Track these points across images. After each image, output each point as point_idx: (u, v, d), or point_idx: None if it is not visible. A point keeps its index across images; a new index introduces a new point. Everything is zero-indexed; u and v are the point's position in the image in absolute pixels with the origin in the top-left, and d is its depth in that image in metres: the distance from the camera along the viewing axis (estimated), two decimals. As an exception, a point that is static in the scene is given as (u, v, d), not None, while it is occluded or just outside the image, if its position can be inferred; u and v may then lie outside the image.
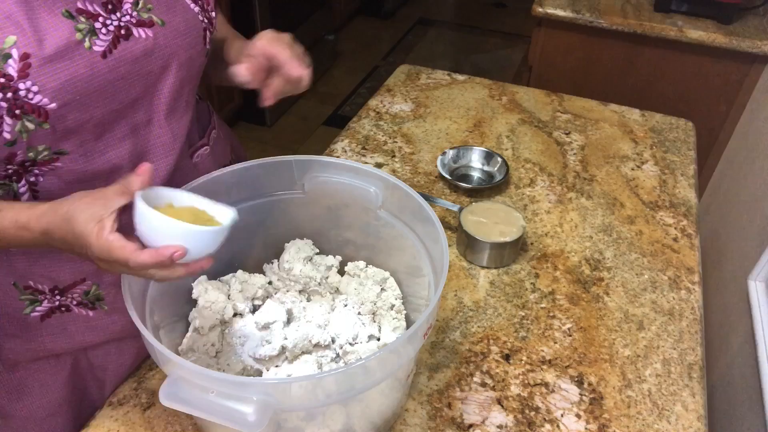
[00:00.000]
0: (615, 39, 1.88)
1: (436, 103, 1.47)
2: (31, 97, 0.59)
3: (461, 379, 0.85)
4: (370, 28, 4.09)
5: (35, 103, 0.59)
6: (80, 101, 0.62)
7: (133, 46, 0.66)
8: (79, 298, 0.77)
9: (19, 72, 0.58)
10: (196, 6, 0.74)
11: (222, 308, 0.77)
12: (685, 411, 0.82)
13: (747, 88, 1.82)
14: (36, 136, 0.61)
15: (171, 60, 0.71)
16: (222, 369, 0.73)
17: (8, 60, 0.57)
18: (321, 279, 0.85)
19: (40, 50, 0.59)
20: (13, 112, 0.59)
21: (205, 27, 0.75)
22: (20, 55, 0.58)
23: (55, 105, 0.60)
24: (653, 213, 1.16)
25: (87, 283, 0.76)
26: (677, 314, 0.96)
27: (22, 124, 0.60)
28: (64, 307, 0.77)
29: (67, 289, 0.76)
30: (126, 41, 0.65)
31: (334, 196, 0.82)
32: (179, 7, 0.71)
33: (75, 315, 0.78)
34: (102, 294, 0.77)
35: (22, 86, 0.58)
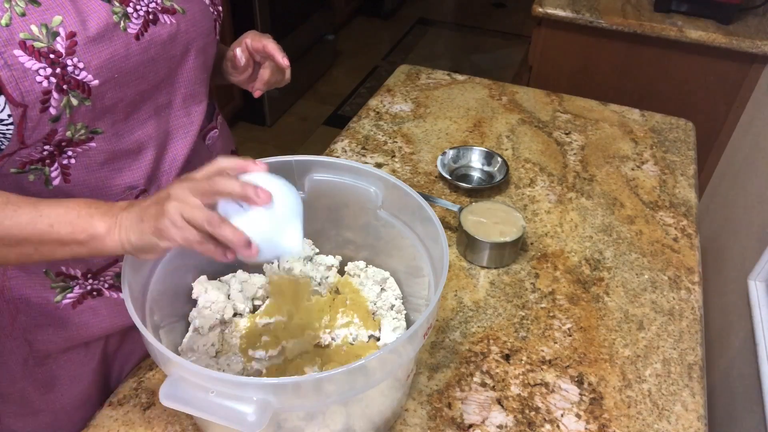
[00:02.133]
0: (615, 39, 1.88)
1: (436, 103, 1.47)
2: (77, 73, 0.63)
3: (461, 379, 0.85)
4: (370, 28, 4.09)
5: (81, 79, 0.63)
6: (118, 80, 0.67)
7: (161, 30, 0.71)
8: (111, 281, 0.79)
9: (67, 49, 0.62)
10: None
11: (222, 308, 0.77)
12: (685, 411, 0.82)
13: (747, 88, 1.82)
14: (78, 112, 0.65)
15: (190, 45, 0.76)
16: (222, 369, 0.73)
17: (56, 37, 0.61)
18: (321, 279, 0.85)
19: (85, 30, 0.63)
20: (61, 87, 0.62)
21: (215, 18, 0.81)
22: (67, 34, 0.61)
23: (97, 82, 0.64)
24: (653, 213, 1.16)
25: (119, 264, 0.78)
26: (677, 314, 0.96)
27: (68, 100, 0.63)
28: (96, 292, 0.79)
29: (100, 271, 0.78)
30: (154, 26, 0.70)
31: (334, 196, 0.82)
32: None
33: (106, 299, 0.80)
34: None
35: (70, 62, 0.62)
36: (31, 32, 0.60)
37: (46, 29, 0.60)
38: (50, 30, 0.61)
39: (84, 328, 0.80)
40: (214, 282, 0.81)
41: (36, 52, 0.60)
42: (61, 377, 0.83)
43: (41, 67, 0.60)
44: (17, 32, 0.59)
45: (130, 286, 0.63)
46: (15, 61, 0.59)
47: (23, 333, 0.78)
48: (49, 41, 0.61)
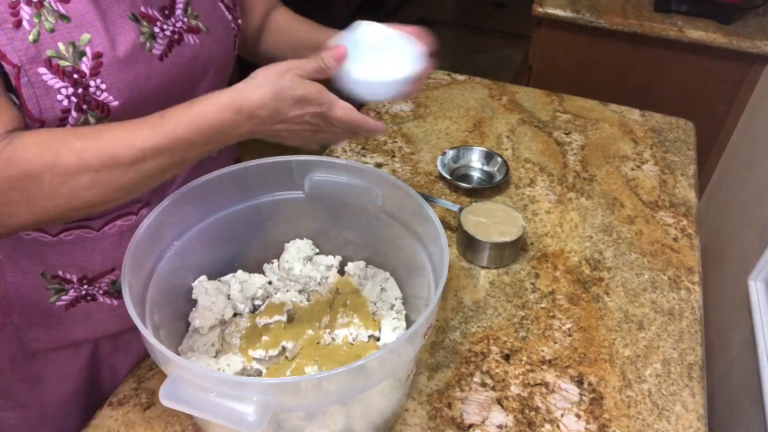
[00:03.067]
0: (615, 39, 1.88)
1: (436, 103, 1.47)
2: (99, 95, 0.62)
3: (461, 379, 0.85)
4: (370, 28, 4.08)
5: (101, 100, 0.62)
6: (138, 101, 0.66)
7: (185, 50, 0.70)
8: (106, 288, 0.79)
9: (91, 70, 0.61)
10: (230, 14, 0.79)
11: (222, 308, 0.77)
12: (685, 411, 0.82)
13: (747, 88, 1.82)
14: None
15: (210, 65, 0.75)
16: (222, 369, 0.73)
17: (83, 57, 0.60)
18: (321, 279, 0.85)
19: (113, 51, 0.62)
20: (81, 106, 0.61)
21: (235, 34, 0.80)
22: (93, 54, 0.61)
23: (117, 103, 0.63)
24: (653, 213, 1.16)
25: (115, 272, 0.78)
26: (677, 314, 0.96)
27: (85, 119, 0.62)
28: (90, 296, 0.79)
29: (96, 278, 0.78)
30: (179, 46, 0.69)
31: (334, 196, 0.82)
32: (218, 16, 0.76)
33: (100, 304, 0.80)
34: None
35: (93, 83, 0.61)
36: (57, 50, 0.59)
37: (73, 48, 0.60)
38: (77, 48, 0.60)
39: (76, 330, 0.80)
40: (214, 282, 0.81)
41: (60, 71, 0.59)
42: (48, 375, 0.83)
43: (63, 86, 0.60)
44: (44, 49, 0.58)
45: (130, 286, 0.63)
46: (38, 79, 0.58)
47: (15, 329, 0.78)
48: (74, 61, 0.60)
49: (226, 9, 0.79)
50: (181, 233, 0.76)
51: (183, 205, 0.74)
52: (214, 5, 0.76)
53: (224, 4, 0.79)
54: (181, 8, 0.71)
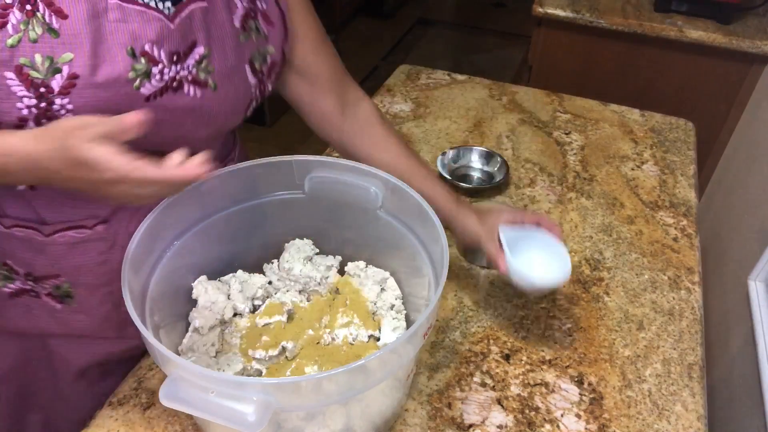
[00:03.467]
0: (615, 39, 1.88)
1: (436, 103, 1.47)
2: (63, 113, 0.60)
3: (461, 379, 0.85)
4: (370, 28, 4.09)
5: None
6: None
7: (179, 99, 0.67)
8: (49, 290, 0.78)
9: (61, 89, 0.59)
10: (255, 78, 0.75)
11: (222, 308, 0.77)
12: (685, 411, 0.82)
13: (747, 88, 1.82)
14: None
15: (205, 122, 0.72)
16: (222, 369, 0.73)
17: (56, 74, 0.58)
18: (321, 279, 0.85)
19: (91, 76, 0.59)
20: (40, 120, 0.60)
21: (253, 98, 0.76)
22: (69, 74, 0.59)
23: None
24: (653, 213, 1.16)
25: (60, 279, 0.77)
26: (677, 314, 0.96)
27: None
28: (33, 293, 0.78)
29: (40, 279, 0.77)
30: (174, 93, 0.66)
31: (334, 196, 0.82)
32: (238, 76, 0.72)
33: (42, 303, 0.79)
34: (72, 292, 0.78)
35: (59, 101, 0.59)
36: (32, 60, 0.58)
37: (50, 62, 0.58)
38: (54, 65, 0.58)
39: (14, 319, 0.80)
40: (214, 282, 0.81)
41: (28, 81, 0.58)
42: None
43: (27, 96, 0.58)
44: (18, 56, 0.57)
45: (130, 286, 0.63)
46: (3, 83, 0.57)
47: None
48: (46, 75, 0.58)
49: (253, 72, 0.74)
50: (181, 233, 0.76)
51: (183, 205, 0.74)
52: (238, 65, 0.72)
53: (253, 66, 0.74)
54: (195, 59, 0.67)
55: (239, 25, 0.72)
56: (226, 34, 0.70)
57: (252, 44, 0.74)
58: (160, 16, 0.63)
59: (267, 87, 0.78)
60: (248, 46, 0.73)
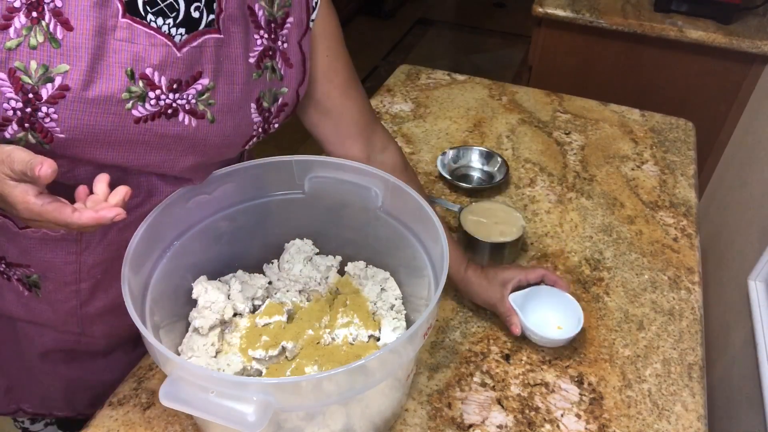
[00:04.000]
0: (615, 39, 1.88)
1: (436, 103, 1.47)
2: (46, 122, 0.60)
3: (461, 379, 0.85)
4: (370, 28, 4.09)
5: (47, 127, 0.60)
6: (90, 143, 0.63)
7: (171, 126, 0.66)
8: (19, 276, 0.79)
9: (49, 98, 0.59)
10: (259, 116, 0.73)
11: (222, 308, 0.77)
12: (685, 411, 0.82)
13: (747, 88, 1.82)
14: (33, 148, 0.61)
15: (199, 150, 0.70)
16: (222, 369, 0.73)
17: (47, 83, 0.58)
18: (321, 279, 0.85)
19: (83, 91, 0.59)
20: (23, 124, 0.59)
21: (255, 135, 0.74)
22: (60, 85, 0.58)
23: (64, 136, 0.61)
24: (653, 213, 1.16)
25: (31, 269, 0.77)
26: (677, 314, 0.96)
27: (25, 135, 0.60)
28: (5, 276, 0.79)
29: (13, 265, 0.78)
30: (167, 119, 0.65)
31: (334, 196, 0.82)
32: (241, 113, 0.71)
33: (12, 286, 0.80)
34: (40, 284, 0.79)
35: (44, 110, 0.59)
36: (27, 65, 0.57)
37: (44, 70, 0.58)
38: (47, 73, 0.58)
39: None
40: (214, 282, 0.81)
41: (18, 84, 0.58)
42: None
43: (14, 98, 0.58)
44: (14, 59, 0.57)
45: (130, 286, 0.63)
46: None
47: None
48: (37, 82, 0.58)
49: (258, 110, 0.73)
50: (181, 233, 0.76)
51: (183, 205, 0.74)
52: (243, 102, 0.70)
53: (260, 105, 0.73)
54: (197, 89, 0.66)
55: (254, 63, 0.70)
56: (238, 70, 0.68)
57: (264, 83, 0.72)
58: (168, 43, 0.62)
59: (273, 126, 0.76)
60: (259, 85, 0.71)
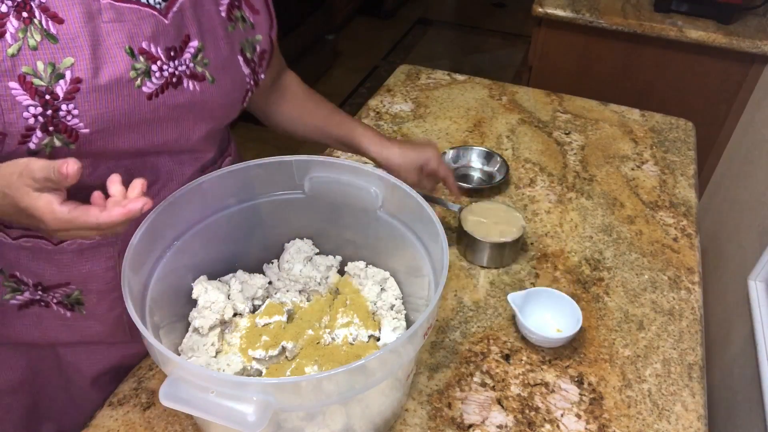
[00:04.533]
0: (615, 39, 1.88)
1: (436, 103, 1.47)
2: (69, 119, 0.60)
3: (461, 379, 0.85)
4: (370, 28, 4.09)
5: (70, 125, 0.60)
6: (112, 131, 0.64)
7: (180, 95, 0.67)
8: (60, 298, 0.78)
9: (66, 94, 0.59)
10: (248, 68, 0.76)
11: (222, 308, 0.77)
12: (685, 411, 0.82)
13: (747, 88, 1.82)
14: (58, 152, 0.62)
15: (206, 116, 0.72)
16: (222, 369, 0.73)
17: (59, 80, 0.58)
18: (321, 279, 0.85)
19: (94, 79, 0.60)
20: (47, 128, 0.60)
21: (249, 89, 0.77)
22: (72, 79, 0.59)
23: (88, 131, 0.61)
24: (653, 213, 1.16)
25: (71, 287, 0.77)
26: (677, 314, 0.96)
27: (51, 140, 0.61)
28: (43, 303, 0.78)
29: (51, 288, 0.76)
30: (174, 89, 0.66)
31: (334, 196, 0.82)
32: (232, 67, 0.73)
33: (53, 312, 0.79)
34: (83, 299, 0.78)
35: (64, 107, 0.59)
36: (35, 68, 0.57)
37: (52, 69, 0.58)
38: (56, 71, 0.58)
39: (24, 331, 0.79)
40: (214, 282, 0.81)
41: (32, 89, 0.58)
42: None
43: (32, 105, 0.58)
44: (20, 65, 0.57)
45: (130, 286, 0.63)
46: (7, 93, 0.57)
47: None
48: (50, 82, 0.58)
49: (246, 62, 0.75)
50: (181, 233, 0.76)
51: (183, 205, 0.74)
52: (230, 56, 0.73)
53: (245, 56, 0.75)
54: (191, 53, 0.67)
55: (225, 16, 0.72)
56: (216, 26, 0.71)
57: (240, 34, 0.74)
58: (154, 12, 0.63)
59: (260, 76, 0.79)
60: (237, 36, 0.74)
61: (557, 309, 0.92)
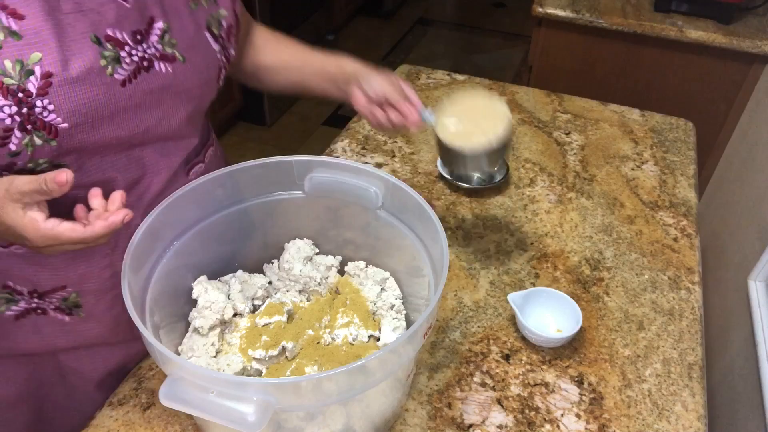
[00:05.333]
0: (615, 39, 1.88)
1: (436, 103, 1.46)
2: (45, 115, 0.59)
3: (461, 379, 0.85)
4: (370, 28, 4.08)
5: (48, 121, 0.60)
6: (92, 124, 0.63)
7: (153, 78, 0.67)
8: (57, 303, 0.77)
9: (39, 90, 0.58)
10: (217, 44, 0.75)
11: (222, 308, 0.77)
12: (685, 411, 0.82)
13: (747, 88, 1.82)
14: (41, 150, 0.61)
15: (185, 95, 0.72)
16: (222, 369, 0.73)
17: (30, 77, 0.58)
18: (321, 279, 0.85)
19: (64, 71, 0.59)
20: (25, 126, 0.59)
21: (221, 66, 0.77)
22: (42, 73, 0.58)
23: (66, 125, 0.61)
24: (653, 213, 1.16)
25: (67, 290, 0.76)
26: (677, 314, 0.96)
27: (30, 139, 0.60)
28: (40, 310, 0.77)
29: (46, 293, 0.75)
30: (147, 73, 0.66)
31: (334, 196, 0.82)
32: (201, 45, 0.73)
33: (51, 318, 0.78)
34: (80, 302, 0.77)
35: (39, 103, 0.59)
36: (3, 67, 0.57)
37: (21, 66, 0.57)
38: (25, 67, 0.57)
39: (23, 341, 0.78)
40: (214, 282, 0.81)
41: (4, 88, 0.57)
42: None
43: (6, 105, 0.57)
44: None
45: (130, 286, 0.63)
46: None
47: None
48: (20, 79, 0.57)
49: (213, 39, 0.75)
50: (180, 233, 0.76)
51: (183, 205, 0.74)
52: (197, 34, 0.72)
53: (212, 33, 0.75)
54: (157, 34, 0.67)
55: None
56: (179, 5, 0.70)
57: (204, 11, 0.74)
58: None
59: (230, 52, 0.78)
60: (201, 14, 0.73)
61: (557, 309, 0.92)
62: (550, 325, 0.92)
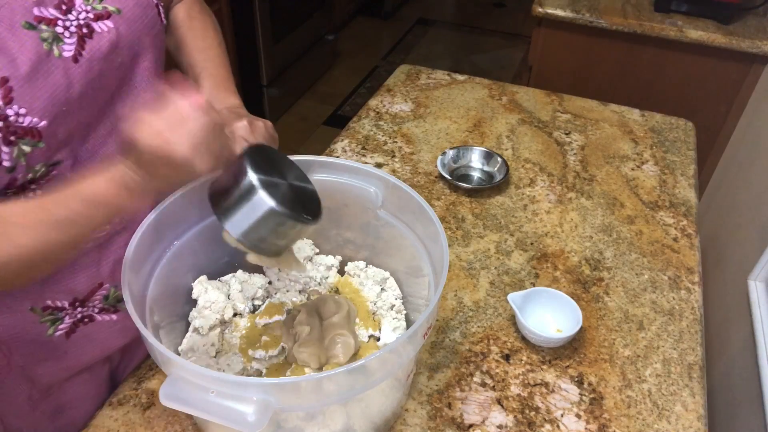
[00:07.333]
0: (615, 39, 1.88)
1: (436, 103, 1.47)
2: (21, 121, 0.58)
3: (461, 379, 0.85)
4: (370, 28, 4.08)
5: (27, 126, 0.59)
6: (66, 111, 0.62)
7: (99, 42, 0.65)
8: (100, 305, 0.77)
9: (3, 98, 0.57)
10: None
11: (222, 308, 0.77)
12: (685, 411, 0.82)
13: (747, 88, 1.82)
14: (33, 156, 0.61)
15: (137, 46, 0.70)
16: (222, 369, 0.73)
17: None
18: (321, 279, 0.85)
19: (16, 71, 0.57)
20: (8, 139, 0.58)
21: (157, 3, 0.73)
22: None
23: (45, 123, 0.60)
24: (653, 213, 1.16)
25: (105, 287, 0.76)
26: (677, 314, 0.96)
27: (19, 149, 0.59)
28: (87, 318, 0.76)
29: (87, 298, 0.75)
30: (91, 39, 0.64)
31: (334, 196, 0.82)
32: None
33: (98, 323, 0.78)
34: (120, 294, 0.76)
35: (11, 111, 0.57)
36: None
37: None
38: None
39: (81, 355, 0.78)
40: (214, 282, 0.81)
41: None
42: (69, 403, 0.82)
43: None
44: None
45: (130, 286, 0.63)
46: None
47: (22, 371, 0.75)
48: None
49: None
50: (181, 233, 0.76)
51: (183, 205, 0.74)
52: None
53: None
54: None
55: None
56: None
57: None
58: None
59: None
60: None
61: (557, 309, 0.92)
62: (550, 325, 0.92)
